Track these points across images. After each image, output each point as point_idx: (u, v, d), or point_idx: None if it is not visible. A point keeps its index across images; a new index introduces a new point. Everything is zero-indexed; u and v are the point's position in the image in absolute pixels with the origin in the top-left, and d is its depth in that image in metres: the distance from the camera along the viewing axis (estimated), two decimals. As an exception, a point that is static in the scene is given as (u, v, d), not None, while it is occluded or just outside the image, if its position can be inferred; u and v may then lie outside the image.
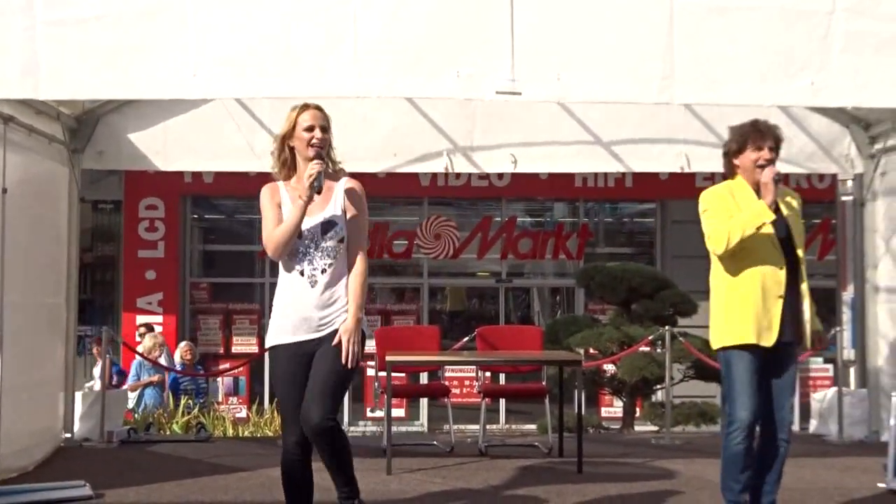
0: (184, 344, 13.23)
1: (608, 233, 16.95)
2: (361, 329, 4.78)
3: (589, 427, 11.33)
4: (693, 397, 12.08)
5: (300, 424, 4.68)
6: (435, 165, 8.98)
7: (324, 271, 4.72)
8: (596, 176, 15.28)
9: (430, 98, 8.03)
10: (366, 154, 8.62)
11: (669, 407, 9.72)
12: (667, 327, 9.71)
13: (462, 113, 8.72)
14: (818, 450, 8.24)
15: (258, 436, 11.14)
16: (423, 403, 14.95)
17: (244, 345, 15.46)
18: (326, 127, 4.81)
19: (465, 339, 10.61)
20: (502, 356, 8.52)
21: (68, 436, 8.43)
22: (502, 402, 14.27)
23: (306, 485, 4.85)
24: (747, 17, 6.33)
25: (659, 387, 11.79)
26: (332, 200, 4.80)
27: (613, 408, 14.27)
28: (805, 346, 5.23)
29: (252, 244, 15.22)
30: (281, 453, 4.84)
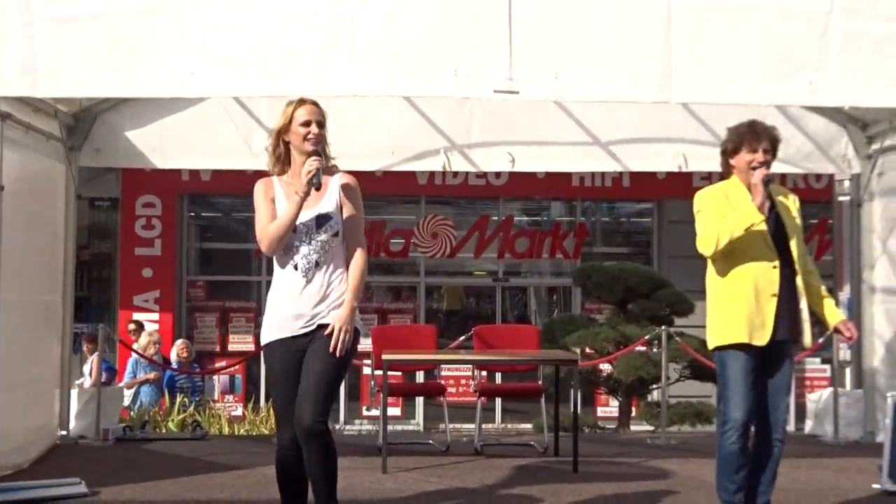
0: (180, 342, 13.22)
1: (605, 232, 16.94)
2: (356, 327, 4.77)
3: (585, 426, 11.33)
4: (689, 397, 12.08)
5: (293, 420, 4.67)
6: (432, 164, 8.98)
7: (318, 265, 4.71)
8: (593, 175, 15.26)
9: (427, 97, 8.04)
10: (363, 152, 8.63)
11: (665, 407, 9.73)
12: (663, 327, 9.72)
13: (460, 112, 8.72)
14: (813, 450, 8.25)
15: (254, 434, 11.13)
16: (419, 402, 14.92)
17: (240, 343, 15.44)
18: (322, 122, 4.80)
19: (462, 338, 10.61)
20: (499, 355, 8.51)
21: (64, 433, 8.44)
22: (498, 401, 14.26)
23: (301, 481, 4.83)
24: (745, 16, 6.34)
25: (655, 386, 11.78)
26: (327, 195, 4.78)
27: (609, 407, 14.27)
28: (803, 345, 5.22)
29: (249, 242, 15.20)
30: (276, 450, 4.83)
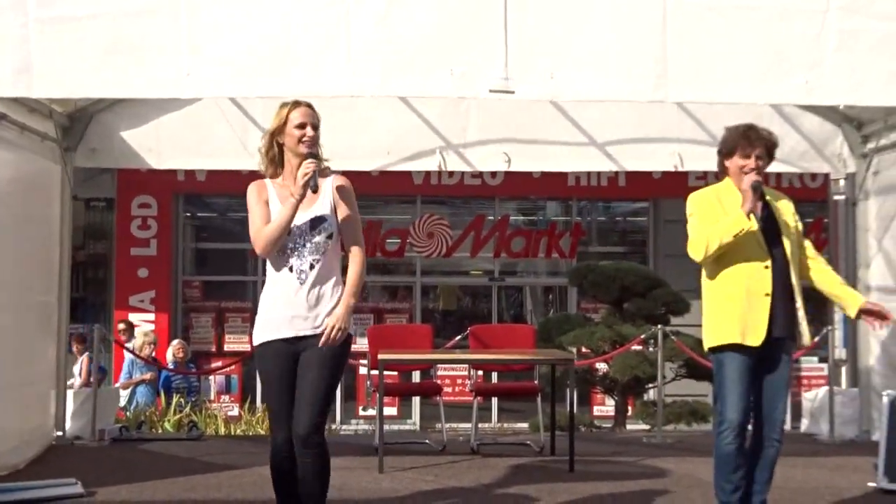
0: (176, 342, 13.22)
1: (601, 232, 16.96)
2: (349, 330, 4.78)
3: (581, 426, 11.34)
4: (685, 396, 12.09)
5: (289, 422, 4.66)
6: (428, 164, 8.98)
7: (312, 267, 4.69)
8: (589, 175, 15.27)
9: (423, 97, 8.04)
10: (359, 152, 8.63)
11: (661, 405, 9.73)
12: (659, 326, 9.72)
13: (455, 111, 8.72)
14: (809, 449, 8.26)
15: (250, 434, 11.13)
16: (416, 402, 14.93)
17: (236, 343, 15.44)
18: (317, 125, 4.78)
19: (458, 338, 10.61)
20: (494, 355, 8.51)
21: (60, 434, 8.42)
22: (494, 400, 14.27)
23: (296, 481, 4.83)
24: (741, 15, 6.35)
25: (651, 385, 11.81)
26: (321, 197, 4.76)
27: (605, 406, 14.29)
28: (801, 343, 5.21)
29: (245, 242, 14.98)
30: (270, 452, 4.81)
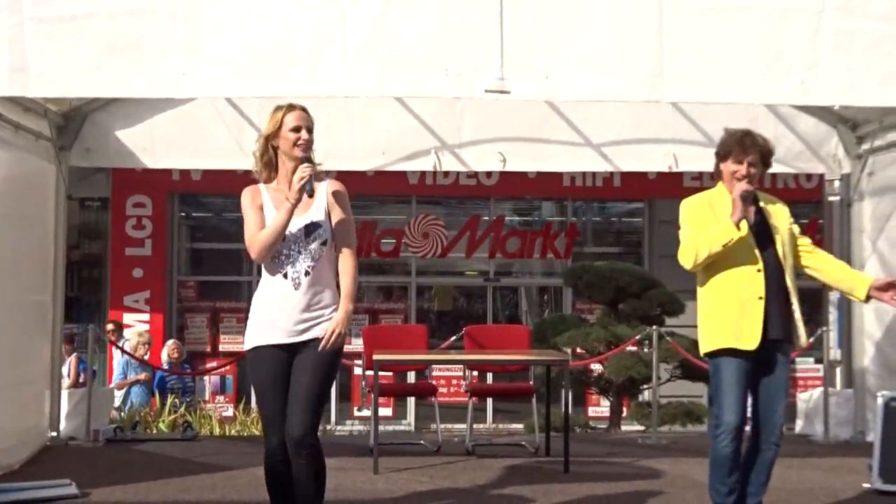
0: (171, 342, 13.18)
1: (596, 232, 16.96)
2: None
3: (576, 426, 11.34)
4: (680, 397, 12.09)
5: (282, 426, 4.66)
6: (423, 164, 8.97)
7: (307, 273, 4.68)
8: (584, 175, 15.27)
9: (419, 97, 8.03)
10: (354, 153, 8.64)
11: (656, 406, 9.73)
12: (654, 327, 9.72)
13: (451, 111, 8.72)
14: (804, 450, 8.27)
15: (245, 434, 11.11)
16: (411, 402, 14.91)
17: (231, 343, 15.40)
18: (311, 128, 4.77)
19: (453, 339, 10.61)
20: (490, 355, 8.51)
21: (54, 434, 8.41)
22: (489, 401, 14.25)
23: (291, 485, 4.81)
24: (737, 15, 6.35)
25: (646, 386, 11.80)
26: (316, 202, 4.74)
27: (600, 407, 14.27)
28: (798, 345, 5.20)
29: (240, 242, 14.88)
30: (264, 455, 4.79)
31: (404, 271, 16.31)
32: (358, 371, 9.44)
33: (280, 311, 4.69)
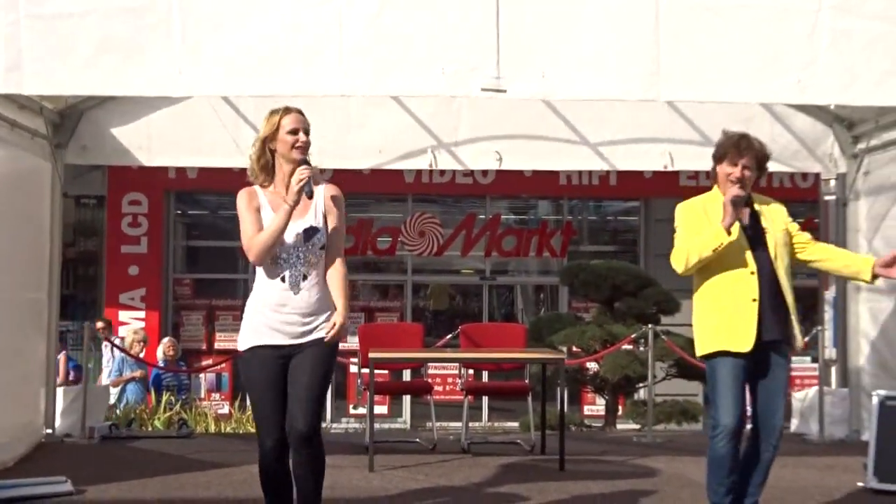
0: (166, 340, 13.19)
1: (592, 231, 16.96)
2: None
3: (571, 425, 11.34)
4: (675, 395, 12.11)
5: (277, 427, 4.67)
6: (420, 162, 8.97)
7: (305, 277, 4.69)
8: (580, 174, 15.28)
9: (415, 96, 8.03)
10: (351, 151, 8.64)
11: (651, 405, 9.73)
12: (650, 325, 9.74)
13: (447, 110, 8.72)
14: (799, 449, 8.27)
15: (240, 432, 11.10)
16: (406, 400, 14.92)
17: (227, 341, 15.39)
18: (308, 130, 4.76)
19: (449, 337, 10.61)
20: (485, 354, 8.51)
21: (49, 431, 8.40)
22: (485, 399, 14.24)
23: (286, 484, 4.82)
24: (734, 14, 6.35)
25: (641, 385, 11.81)
26: (314, 206, 4.75)
27: (596, 406, 14.29)
28: (795, 346, 5.20)
29: (236, 240, 14.92)
30: (259, 456, 4.78)
31: (400, 269, 16.32)
32: (354, 369, 9.46)
33: (277, 314, 4.69)
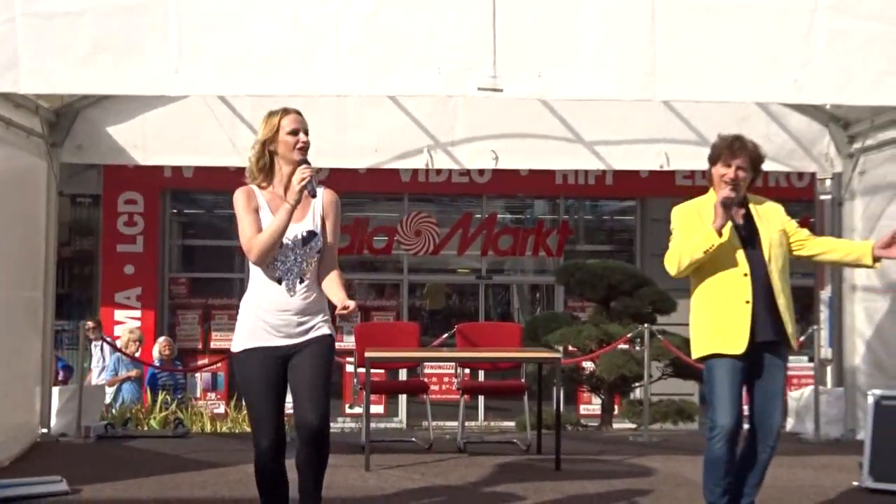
0: (162, 339, 13.17)
1: (588, 230, 16.97)
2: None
3: (567, 424, 11.34)
4: (671, 395, 12.12)
5: (274, 427, 4.69)
6: (416, 162, 8.97)
7: (302, 280, 4.70)
8: (576, 173, 15.27)
9: (411, 95, 8.03)
10: (347, 150, 8.64)
11: (647, 404, 9.74)
12: (646, 325, 9.73)
13: (443, 109, 8.72)
14: (794, 448, 8.27)
15: (236, 431, 11.09)
16: (402, 400, 14.90)
17: (223, 340, 15.36)
18: (307, 131, 4.76)
19: (445, 336, 10.61)
20: (482, 353, 8.51)
21: (45, 431, 8.39)
22: (481, 398, 14.23)
23: (282, 484, 4.83)
24: (730, 14, 6.36)
25: (637, 384, 11.81)
26: (311, 209, 4.75)
27: (592, 405, 14.30)
28: (790, 347, 5.20)
29: (232, 239, 15.03)
30: (254, 457, 4.78)
31: (396, 269, 16.31)
32: (350, 368, 9.45)
33: (274, 315, 4.69)
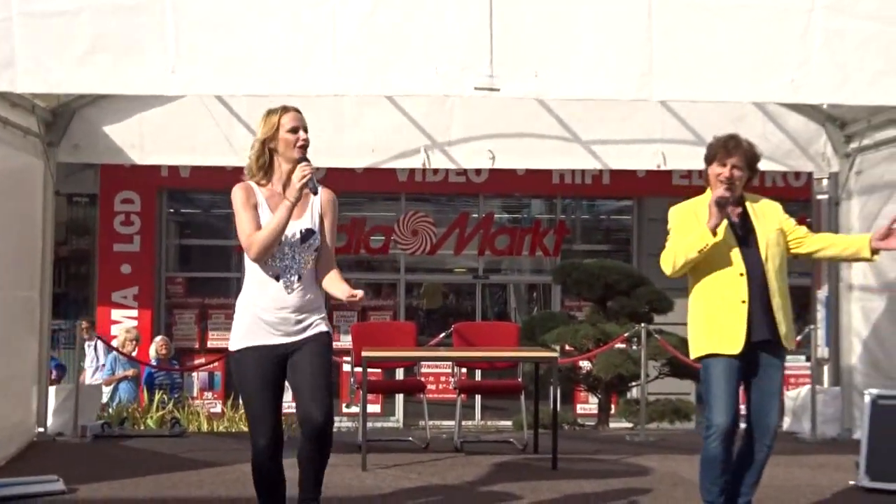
0: (159, 338, 13.17)
1: (585, 230, 16.98)
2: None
3: (564, 424, 11.35)
4: (668, 394, 12.12)
5: (271, 426, 4.69)
6: (413, 161, 8.97)
7: (300, 277, 4.71)
8: (573, 173, 15.27)
9: (408, 95, 8.03)
10: (344, 150, 8.63)
11: (644, 404, 9.74)
12: (642, 324, 9.74)
13: (440, 109, 8.72)
14: (791, 447, 8.27)
15: (233, 431, 11.09)
16: (399, 399, 14.90)
17: (219, 339, 15.35)
18: (307, 128, 4.77)
19: (442, 335, 10.61)
20: (478, 352, 8.52)
21: (41, 430, 8.39)
22: (478, 398, 14.25)
23: (280, 483, 4.83)
24: (727, 13, 6.36)
25: (634, 384, 11.81)
26: (310, 208, 4.76)
27: (589, 404, 14.30)
28: (786, 347, 5.20)
29: (228, 239, 15.13)
30: (252, 456, 4.78)
31: (393, 268, 16.30)
32: (346, 368, 9.44)
33: (272, 313, 4.70)
